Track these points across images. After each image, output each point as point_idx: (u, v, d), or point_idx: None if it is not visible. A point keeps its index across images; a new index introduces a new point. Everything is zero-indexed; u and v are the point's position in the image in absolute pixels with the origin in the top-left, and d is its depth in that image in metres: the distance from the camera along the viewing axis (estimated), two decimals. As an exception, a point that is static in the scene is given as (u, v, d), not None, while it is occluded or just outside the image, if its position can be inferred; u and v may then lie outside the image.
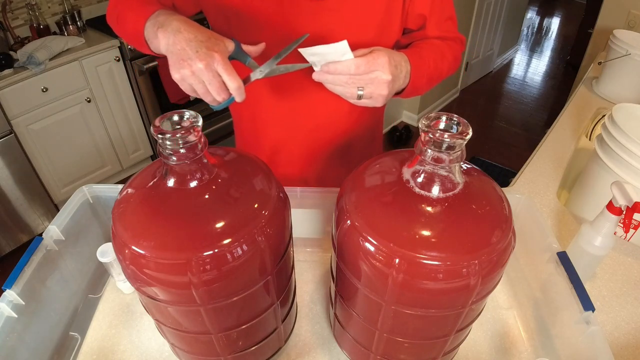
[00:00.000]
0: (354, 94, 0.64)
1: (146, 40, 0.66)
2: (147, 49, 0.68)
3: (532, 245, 0.73)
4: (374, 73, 0.63)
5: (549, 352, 0.67)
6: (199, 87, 0.59)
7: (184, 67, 0.58)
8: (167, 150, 0.44)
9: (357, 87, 0.63)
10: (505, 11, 3.61)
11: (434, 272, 0.43)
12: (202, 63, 0.57)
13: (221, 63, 0.57)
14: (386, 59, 0.63)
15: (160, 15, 0.63)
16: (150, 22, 0.63)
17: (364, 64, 0.62)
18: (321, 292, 0.79)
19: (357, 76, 0.62)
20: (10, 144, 1.94)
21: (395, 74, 0.65)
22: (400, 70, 0.67)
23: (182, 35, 0.58)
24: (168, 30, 0.59)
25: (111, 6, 0.73)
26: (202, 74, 0.58)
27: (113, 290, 0.80)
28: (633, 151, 0.84)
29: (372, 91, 0.64)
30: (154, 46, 0.65)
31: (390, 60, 0.64)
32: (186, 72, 0.58)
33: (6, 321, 0.58)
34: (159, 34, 0.61)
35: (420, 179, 0.46)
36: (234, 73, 0.58)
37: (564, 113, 1.43)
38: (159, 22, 0.61)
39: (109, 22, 0.76)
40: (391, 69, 0.64)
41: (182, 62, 0.58)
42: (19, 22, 2.20)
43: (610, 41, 1.46)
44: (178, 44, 0.58)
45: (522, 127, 3.24)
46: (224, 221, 0.46)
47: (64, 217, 0.71)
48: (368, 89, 0.64)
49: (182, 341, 0.58)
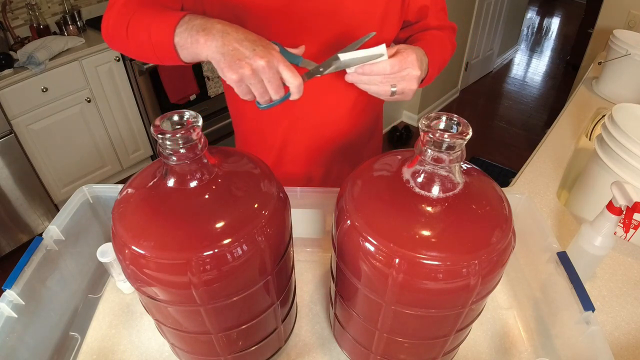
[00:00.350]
0: (387, 91, 0.67)
1: (176, 47, 0.59)
2: (171, 59, 0.62)
3: (532, 245, 0.73)
4: (406, 71, 0.66)
5: (549, 352, 0.67)
6: (258, 86, 0.58)
7: (242, 67, 0.55)
8: (167, 150, 0.44)
9: (390, 85, 0.67)
10: (505, 11, 3.60)
11: (434, 272, 0.43)
12: (263, 60, 0.55)
13: (281, 60, 0.57)
14: (414, 56, 0.66)
15: (193, 19, 0.58)
16: (183, 28, 0.58)
17: (397, 64, 0.65)
18: (321, 292, 0.79)
19: (391, 75, 0.65)
20: (10, 144, 1.94)
21: (422, 69, 0.69)
22: (425, 62, 0.72)
23: (231, 36, 0.56)
24: (213, 33, 0.56)
25: (112, 19, 0.67)
26: (263, 72, 0.56)
27: (113, 290, 0.80)
28: (633, 151, 0.84)
29: (404, 87, 0.67)
30: (190, 52, 0.59)
31: (417, 56, 0.67)
32: (245, 71, 0.56)
33: (6, 321, 0.58)
34: (201, 38, 0.57)
35: (420, 179, 0.46)
36: (294, 70, 0.59)
37: (564, 113, 1.43)
38: (198, 26, 0.57)
39: (107, 36, 0.69)
40: (419, 65, 0.67)
41: (239, 61, 0.55)
42: (19, 22, 2.20)
43: (610, 41, 1.46)
44: (229, 45, 0.56)
45: (522, 127, 3.24)
46: (224, 221, 0.46)
47: (64, 217, 0.71)
48: (400, 86, 0.67)
49: (182, 341, 0.58)
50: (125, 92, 2.32)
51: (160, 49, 0.61)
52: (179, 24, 0.59)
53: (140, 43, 0.63)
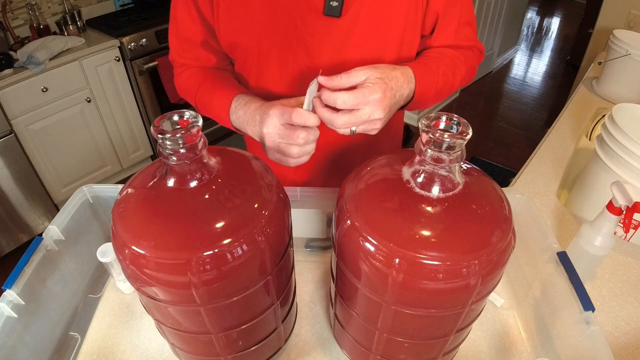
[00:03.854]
0: (346, 131, 0.61)
1: (235, 127, 0.73)
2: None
3: (532, 245, 0.73)
4: (363, 110, 0.58)
5: (549, 352, 0.67)
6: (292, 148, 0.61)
7: (274, 154, 0.64)
8: (167, 150, 0.44)
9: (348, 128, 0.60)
10: (505, 11, 3.60)
11: (434, 272, 0.43)
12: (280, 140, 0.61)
13: (277, 112, 0.60)
14: (380, 95, 0.58)
15: (236, 110, 0.70)
16: (234, 117, 0.71)
17: (352, 99, 0.57)
18: (321, 292, 0.79)
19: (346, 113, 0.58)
20: (10, 144, 1.94)
21: (390, 105, 0.61)
22: (402, 93, 0.63)
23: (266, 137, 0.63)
24: (252, 128, 0.67)
25: (182, 86, 0.82)
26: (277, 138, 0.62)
27: (113, 290, 0.80)
28: (633, 151, 0.84)
29: (364, 128, 0.61)
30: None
31: (384, 93, 0.58)
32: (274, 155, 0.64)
33: (6, 321, 0.58)
34: (248, 130, 0.68)
35: (420, 179, 0.46)
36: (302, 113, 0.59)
37: (564, 113, 1.43)
38: (242, 118, 0.69)
39: (180, 93, 0.84)
40: (385, 104, 0.59)
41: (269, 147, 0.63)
42: (19, 22, 2.20)
43: (610, 41, 1.46)
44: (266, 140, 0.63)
45: (522, 127, 3.24)
46: (224, 221, 0.46)
47: (64, 217, 0.71)
48: (360, 128, 0.60)
49: (182, 341, 0.58)
50: (125, 92, 2.32)
51: (225, 125, 0.75)
52: (230, 113, 0.71)
53: (209, 116, 0.77)
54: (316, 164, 0.89)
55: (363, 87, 0.58)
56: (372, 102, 0.57)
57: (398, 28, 0.71)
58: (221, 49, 0.79)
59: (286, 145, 0.61)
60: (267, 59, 0.74)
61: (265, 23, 0.70)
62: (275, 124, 0.61)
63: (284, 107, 0.60)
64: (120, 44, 2.18)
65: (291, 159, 0.63)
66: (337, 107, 0.58)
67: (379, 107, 0.58)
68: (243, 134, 0.75)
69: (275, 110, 0.61)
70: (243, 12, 0.70)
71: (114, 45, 2.16)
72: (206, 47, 0.79)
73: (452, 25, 0.74)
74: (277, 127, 0.61)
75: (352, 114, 0.58)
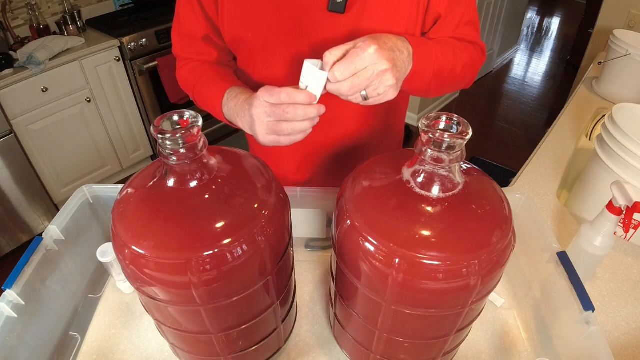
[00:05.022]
0: (358, 98, 0.59)
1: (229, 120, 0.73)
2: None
3: (532, 245, 0.73)
4: (367, 70, 0.56)
5: (549, 352, 0.67)
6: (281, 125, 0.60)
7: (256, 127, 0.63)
8: (167, 150, 0.44)
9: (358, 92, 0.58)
10: (505, 11, 3.60)
11: (434, 272, 0.43)
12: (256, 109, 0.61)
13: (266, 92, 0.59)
14: (375, 46, 0.55)
15: (228, 102, 0.70)
16: (226, 109, 0.71)
17: (345, 67, 0.55)
18: (321, 292, 0.79)
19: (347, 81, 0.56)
20: (10, 144, 1.94)
21: (393, 57, 0.57)
22: (401, 51, 0.60)
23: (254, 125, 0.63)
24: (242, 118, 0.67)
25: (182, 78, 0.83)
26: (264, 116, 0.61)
27: (113, 290, 0.80)
28: (633, 151, 0.84)
29: (376, 88, 0.57)
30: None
31: (380, 45, 0.56)
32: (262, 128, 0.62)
33: (6, 321, 0.58)
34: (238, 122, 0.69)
35: (420, 179, 0.46)
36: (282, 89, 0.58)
37: (564, 113, 1.43)
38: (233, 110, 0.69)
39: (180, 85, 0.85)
40: (385, 55, 0.56)
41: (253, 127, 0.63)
42: (19, 22, 2.20)
43: (610, 41, 1.46)
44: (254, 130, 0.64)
45: (522, 127, 3.24)
46: (224, 221, 0.46)
47: (64, 217, 0.71)
48: (371, 88, 0.57)
49: (182, 341, 0.58)
50: (125, 92, 2.32)
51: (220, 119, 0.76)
52: (222, 105, 0.72)
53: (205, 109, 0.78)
54: (316, 163, 0.89)
55: (354, 49, 0.56)
56: (369, 56, 0.55)
57: (401, 25, 0.71)
58: (224, 45, 0.79)
59: (275, 123, 0.60)
60: (271, 54, 0.74)
61: (270, 18, 0.70)
62: (263, 104, 0.60)
63: (273, 88, 0.59)
64: (120, 44, 2.18)
65: (283, 138, 0.61)
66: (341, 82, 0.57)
67: (380, 58, 0.56)
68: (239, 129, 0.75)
69: (263, 90, 0.60)
70: (248, 7, 0.70)
71: (114, 45, 2.16)
72: (208, 42, 0.80)
73: (453, 23, 0.73)
74: (264, 105, 0.60)
75: (356, 75, 0.56)
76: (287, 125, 0.60)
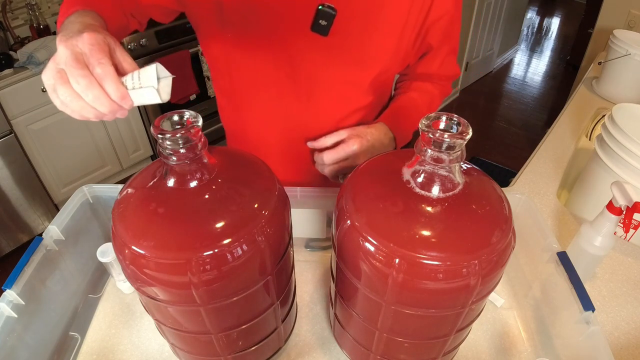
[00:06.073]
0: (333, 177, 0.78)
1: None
2: None
3: (532, 245, 0.73)
4: (347, 160, 0.74)
5: (549, 352, 0.67)
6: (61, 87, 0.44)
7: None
8: (167, 150, 0.44)
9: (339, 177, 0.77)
10: (505, 11, 3.61)
11: (434, 272, 0.43)
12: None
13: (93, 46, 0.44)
14: (356, 145, 0.73)
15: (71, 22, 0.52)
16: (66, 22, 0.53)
17: (333, 156, 0.73)
18: (321, 292, 0.79)
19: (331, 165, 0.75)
20: (10, 144, 1.94)
21: (371, 152, 0.75)
22: (382, 142, 0.76)
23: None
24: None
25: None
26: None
27: (113, 290, 0.80)
28: (633, 151, 0.84)
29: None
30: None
31: (362, 144, 0.73)
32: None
33: (6, 321, 0.58)
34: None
35: (420, 179, 0.46)
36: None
37: (564, 113, 1.43)
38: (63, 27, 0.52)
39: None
40: (364, 152, 0.74)
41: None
42: (19, 22, 2.20)
43: (610, 41, 1.46)
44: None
45: (522, 127, 3.24)
46: (224, 221, 0.46)
47: (64, 217, 0.71)
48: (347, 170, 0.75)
49: (182, 341, 0.58)
50: (125, 92, 2.32)
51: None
52: (66, 19, 0.54)
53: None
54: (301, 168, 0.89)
55: (342, 144, 0.74)
56: (351, 152, 0.73)
57: (385, 56, 0.73)
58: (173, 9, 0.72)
59: (60, 83, 0.43)
60: (249, 63, 0.74)
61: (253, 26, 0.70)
62: (74, 52, 0.44)
63: (98, 52, 0.44)
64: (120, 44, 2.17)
65: (65, 106, 0.45)
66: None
67: (358, 157, 0.73)
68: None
69: (92, 38, 0.44)
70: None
71: (114, 45, 2.16)
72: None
73: (440, 56, 0.79)
74: (72, 55, 0.43)
75: (338, 163, 0.76)
76: (64, 91, 0.43)
